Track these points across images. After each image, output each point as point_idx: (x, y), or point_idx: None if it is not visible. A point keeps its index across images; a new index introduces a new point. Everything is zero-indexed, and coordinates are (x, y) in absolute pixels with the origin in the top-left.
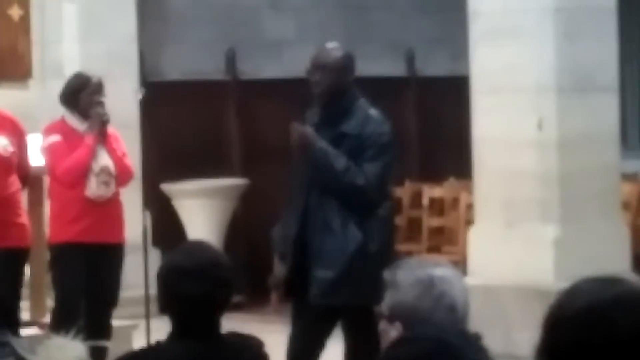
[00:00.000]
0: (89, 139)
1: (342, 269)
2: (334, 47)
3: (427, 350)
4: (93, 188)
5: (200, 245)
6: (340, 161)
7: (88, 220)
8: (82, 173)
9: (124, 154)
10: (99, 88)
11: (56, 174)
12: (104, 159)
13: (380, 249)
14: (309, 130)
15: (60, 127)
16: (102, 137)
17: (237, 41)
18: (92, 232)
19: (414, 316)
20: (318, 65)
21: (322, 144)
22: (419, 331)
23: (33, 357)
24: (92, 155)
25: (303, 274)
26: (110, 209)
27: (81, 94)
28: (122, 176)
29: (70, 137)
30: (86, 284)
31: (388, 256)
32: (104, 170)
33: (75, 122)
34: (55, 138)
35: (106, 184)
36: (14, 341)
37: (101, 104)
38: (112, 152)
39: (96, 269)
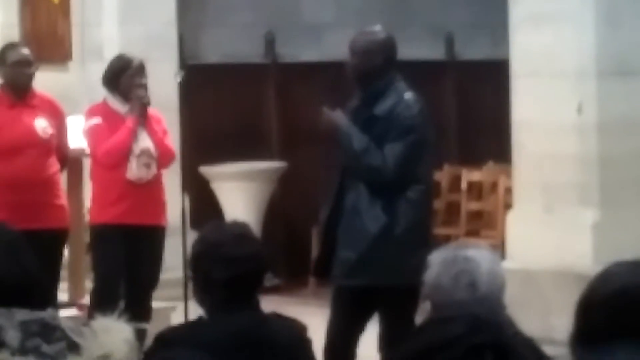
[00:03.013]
0: (130, 121)
1: (364, 250)
2: (368, 31)
3: (456, 332)
4: (133, 170)
5: (225, 222)
6: (360, 143)
7: (129, 202)
8: (123, 155)
9: (164, 132)
10: (140, 70)
11: (97, 156)
12: (145, 141)
13: (406, 231)
14: (337, 114)
15: (102, 109)
16: (143, 119)
17: (277, 24)
18: (132, 214)
19: (437, 294)
20: (349, 49)
21: (347, 126)
22: (445, 312)
23: (84, 342)
24: (133, 137)
25: (332, 255)
26: (151, 191)
27: (122, 76)
28: (164, 158)
29: (111, 119)
30: (126, 266)
31: (417, 239)
32: (145, 152)
33: (116, 105)
34: (97, 120)
35: (147, 166)
36: (64, 324)
37: (142, 86)
38: (153, 134)
39: (136, 251)
